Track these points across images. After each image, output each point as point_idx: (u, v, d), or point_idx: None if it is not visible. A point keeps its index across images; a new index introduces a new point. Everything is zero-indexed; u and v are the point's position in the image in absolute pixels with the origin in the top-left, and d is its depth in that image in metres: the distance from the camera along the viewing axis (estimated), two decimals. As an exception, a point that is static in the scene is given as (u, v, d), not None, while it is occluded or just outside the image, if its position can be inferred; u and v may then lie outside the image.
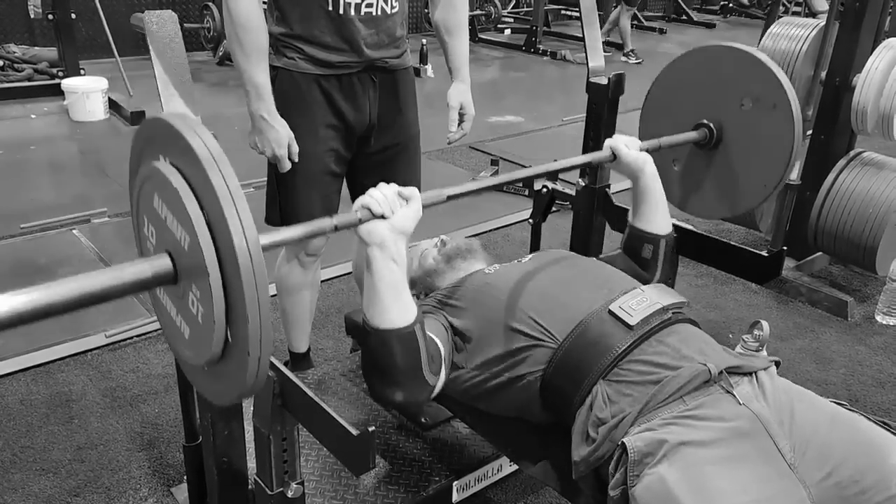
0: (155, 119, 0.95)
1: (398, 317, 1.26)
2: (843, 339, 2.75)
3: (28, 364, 2.39)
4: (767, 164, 1.77)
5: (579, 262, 1.58)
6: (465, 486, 1.76)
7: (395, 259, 1.24)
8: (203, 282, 0.89)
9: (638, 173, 1.65)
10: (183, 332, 0.99)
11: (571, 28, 9.02)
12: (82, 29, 5.86)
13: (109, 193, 3.79)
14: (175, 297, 0.99)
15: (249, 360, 0.89)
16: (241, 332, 0.88)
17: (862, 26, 2.79)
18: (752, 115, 1.77)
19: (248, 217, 0.86)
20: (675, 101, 1.90)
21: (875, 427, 1.23)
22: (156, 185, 0.94)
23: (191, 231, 0.88)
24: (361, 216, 1.22)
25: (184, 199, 0.88)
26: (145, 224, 1.00)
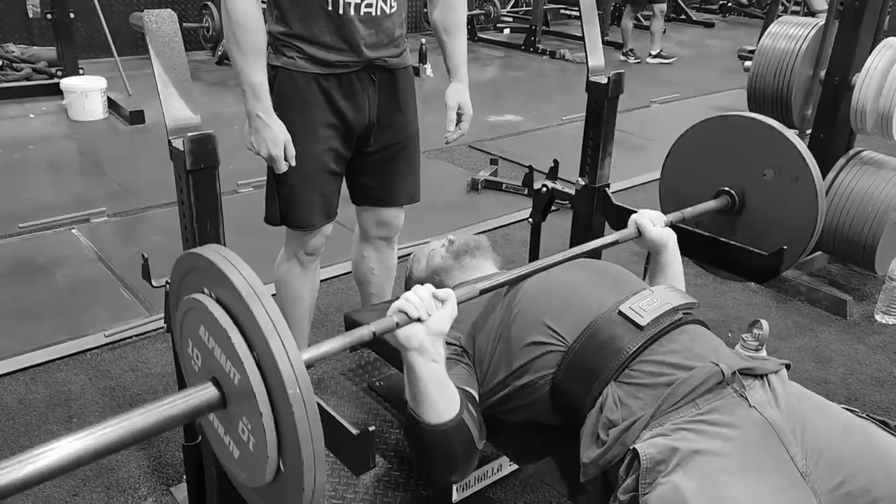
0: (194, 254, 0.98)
1: (446, 409, 1.28)
2: (843, 338, 2.75)
3: (27, 364, 2.39)
4: (791, 234, 1.79)
5: (588, 264, 1.57)
6: (465, 485, 1.75)
7: (435, 359, 1.25)
8: (254, 414, 0.90)
9: (661, 249, 1.66)
10: (232, 452, 1.00)
11: (571, 27, 9.02)
12: (81, 28, 5.85)
13: (108, 193, 3.79)
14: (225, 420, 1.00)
15: (304, 493, 0.89)
16: (295, 467, 0.89)
17: (861, 25, 2.79)
18: (774, 186, 1.78)
19: (296, 352, 0.88)
20: (696, 166, 1.92)
21: (887, 436, 1.22)
22: (201, 317, 0.96)
23: (240, 368, 0.90)
24: (399, 320, 1.22)
25: (232, 338, 0.91)
26: (189, 346, 1.02)
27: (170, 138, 1.30)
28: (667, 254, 1.66)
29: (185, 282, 1.03)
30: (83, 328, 2.58)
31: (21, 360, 2.41)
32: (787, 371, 1.32)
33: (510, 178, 4.15)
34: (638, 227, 1.65)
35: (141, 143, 4.64)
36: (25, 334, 2.54)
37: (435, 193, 3.92)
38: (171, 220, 1.68)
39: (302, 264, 2.04)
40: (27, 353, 2.43)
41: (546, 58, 7.70)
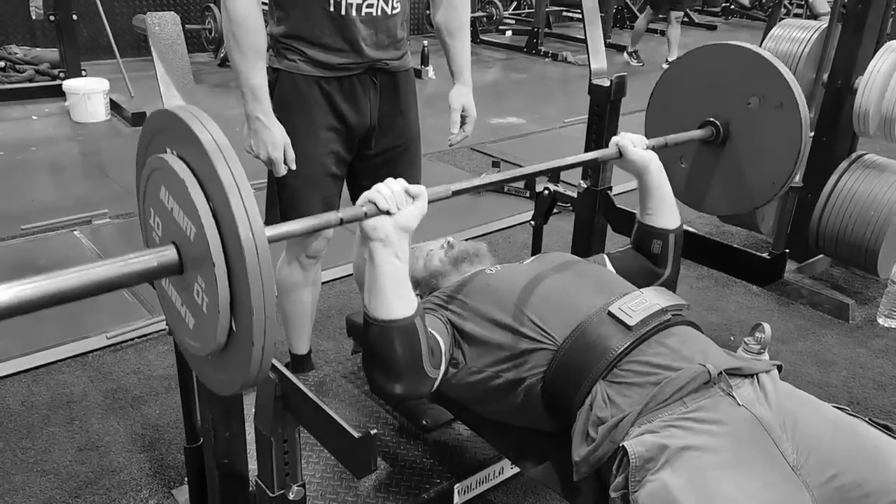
0: (163, 111, 0.96)
1: (399, 309, 1.27)
2: (845, 342, 2.74)
3: (29, 365, 2.39)
4: (775, 163, 1.77)
5: (580, 266, 1.58)
6: (467, 488, 1.75)
7: (397, 255, 1.26)
8: (208, 272, 0.89)
9: (643, 171, 1.65)
10: (188, 323, 1.00)
11: (573, 29, 9.02)
12: (84, 30, 5.87)
13: (110, 194, 3.79)
14: (181, 289, 0.99)
15: (253, 349, 0.89)
16: (246, 322, 0.89)
17: (864, 29, 2.79)
18: (758, 114, 1.77)
19: (255, 208, 0.87)
20: (682, 100, 1.90)
21: (878, 433, 1.22)
22: (162, 177, 0.95)
23: (196, 221, 0.89)
24: (367, 210, 1.23)
25: (190, 190, 0.89)
26: (152, 215, 1.02)
27: (172, 140, 1.30)
28: (650, 176, 1.65)
29: (151, 145, 1.01)
30: (85, 330, 2.58)
31: (23, 361, 2.41)
32: (778, 372, 1.32)
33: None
34: (619, 148, 1.64)
35: (143, 145, 4.65)
36: (27, 336, 2.54)
37: (437, 196, 3.91)
38: (173, 223, 1.68)
39: (303, 267, 2.04)
40: (29, 355, 2.43)
41: (548, 60, 7.71)
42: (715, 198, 1.92)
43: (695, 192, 1.95)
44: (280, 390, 1.22)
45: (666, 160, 1.69)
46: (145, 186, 1.01)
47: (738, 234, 3.54)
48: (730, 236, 3.52)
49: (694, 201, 1.97)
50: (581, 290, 1.45)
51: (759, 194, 1.84)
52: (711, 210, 1.98)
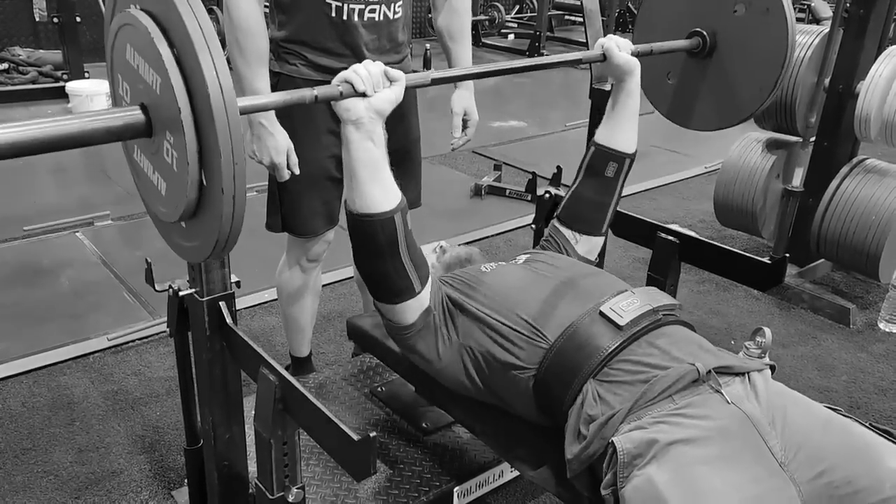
0: None
1: (378, 199, 1.29)
2: (846, 347, 2.74)
3: (30, 367, 2.40)
4: (762, 69, 1.76)
5: (572, 265, 1.59)
6: (467, 491, 1.75)
7: (371, 139, 1.26)
8: (176, 126, 0.88)
9: (625, 76, 1.66)
10: (160, 189, 0.99)
11: (575, 33, 9.03)
12: (87, 32, 5.88)
13: (112, 196, 3.80)
14: (150, 153, 0.99)
15: (224, 198, 0.88)
16: (216, 170, 0.88)
17: (866, 33, 2.79)
18: (745, 21, 1.76)
19: (221, 58, 0.86)
20: (669, 10, 1.89)
21: (868, 432, 1.22)
22: (128, 35, 0.94)
23: (161, 71, 0.88)
24: (343, 90, 1.22)
25: (154, 39, 0.88)
26: (120, 83, 1.00)
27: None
28: (630, 83, 1.66)
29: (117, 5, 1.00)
30: (86, 332, 2.59)
31: (25, 363, 2.41)
32: (771, 372, 1.32)
33: (514, 183, 4.15)
34: (604, 50, 1.64)
35: (145, 147, 4.66)
36: (29, 337, 2.55)
37: (438, 199, 3.92)
38: (174, 225, 1.69)
39: (304, 270, 2.04)
40: (31, 356, 2.44)
41: (550, 64, 7.70)
42: (703, 112, 1.91)
43: (683, 109, 1.95)
44: (280, 392, 1.22)
45: (653, 77, 1.68)
46: (112, 52, 0.99)
47: (739, 238, 3.54)
48: (731, 240, 3.52)
49: (682, 118, 1.96)
50: (573, 289, 1.46)
51: (747, 104, 1.83)
52: (700, 125, 1.97)
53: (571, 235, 1.71)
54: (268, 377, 1.23)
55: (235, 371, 1.40)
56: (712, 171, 4.36)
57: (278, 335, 2.63)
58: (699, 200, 4.12)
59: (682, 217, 3.88)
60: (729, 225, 3.37)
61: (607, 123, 1.71)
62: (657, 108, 1.97)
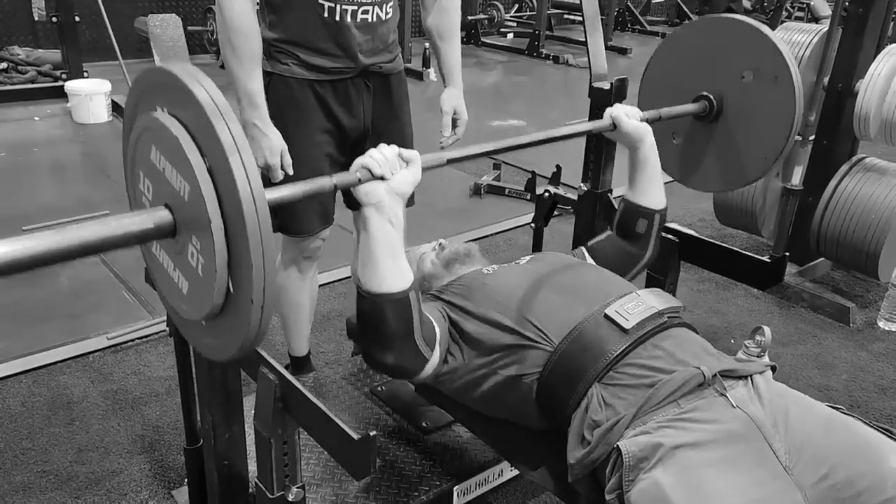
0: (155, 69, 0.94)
1: (393, 281, 1.27)
2: (845, 345, 2.74)
3: (29, 366, 2.40)
4: (768, 137, 1.77)
5: (577, 267, 1.58)
6: (466, 490, 1.75)
7: (391, 221, 1.26)
8: (204, 232, 0.87)
9: (637, 143, 1.66)
10: (181, 287, 0.97)
11: (574, 32, 9.02)
12: (86, 31, 5.87)
13: (112, 196, 3.79)
14: (173, 252, 0.97)
15: (253, 308, 0.87)
16: (245, 281, 0.87)
17: (865, 32, 2.79)
18: (752, 88, 1.76)
19: (253, 165, 0.85)
20: (676, 73, 1.90)
21: (870, 430, 1.22)
22: (154, 137, 0.92)
23: (191, 179, 0.86)
24: (361, 176, 1.23)
25: (184, 147, 0.87)
26: (141, 179, 0.99)
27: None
28: (644, 148, 1.66)
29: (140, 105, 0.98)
30: (86, 331, 2.59)
31: (24, 362, 2.41)
32: (772, 373, 1.32)
33: (513, 183, 4.15)
34: (613, 119, 1.64)
35: (145, 147, 4.65)
36: (29, 337, 2.54)
37: (438, 198, 3.92)
38: (174, 224, 1.69)
39: (300, 270, 2.04)
40: (30, 356, 2.44)
41: (549, 63, 7.71)
42: (708, 174, 1.92)
43: (687, 169, 1.95)
44: (280, 392, 1.22)
45: (658, 136, 1.69)
46: (134, 150, 0.98)
47: (739, 237, 3.54)
48: (730, 239, 3.52)
49: (686, 178, 1.97)
50: (578, 291, 1.45)
51: (752, 170, 1.83)
52: (704, 187, 1.98)
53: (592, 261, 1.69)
54: (267, 376, 1.23)
55: (235, 370, 1.40)
56: (712, 169, 4.36)
57: (277, 335, 2.63)
58: (699, 199, 4.11)
59: (681, 216, 3.87)
60: (728, 224, 3.37)
61: (631, 185, 1.70)
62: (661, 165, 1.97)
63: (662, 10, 10.81)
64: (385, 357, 1.32)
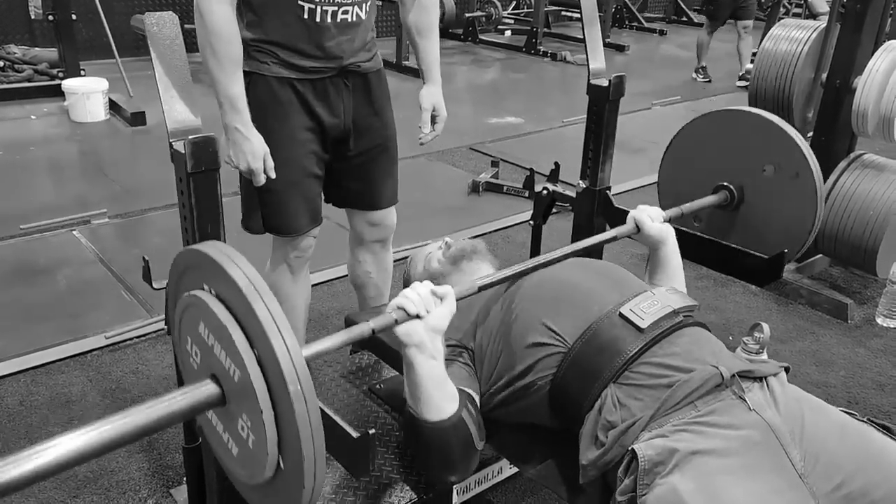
0: (193, 251, 0.98)
1: (445, 407, 1.30)
2: (844, 342, 2.74)
3: (28, 365, 2.39)
4: (789, 231, 1.79)
5: (590, 266, 1.58)
6: (466, 488, 1.75)
7: (434, 356, 1.28)
8: (254, 412, 0.90)
9: (660, 245, 1.67)
10: (231, 450, 1.00)
11: (572, 29, 9.02)
12: (83, 30, 5.86)
13: (109, 194, 3.79)
14: (223, 418, 1.00)
15: (304, 491, 0.89)
16: (295, 464, 0.89)
17: (863, 28, 2.79)
18: (773, 182, 1.78)
19: (298, 351, 0.88)
20: (695, 160, 1.92)
21: (885, 438, 1.22)
22: (201, 314, 0.96)
23: (241, 365, 0.90)
24: (398, 317, 1.25)
25: (233, 335, 0.90)
26: (189, 343, 1.02)
27: (171, 140, 1.30)
28: (666, 249, 1.66)
29: (183, 279, 1.03)
30: (84, 330, 2.58)
31: (22, 361, 2.40)
32: (786, 374, 1.32)
33: (511, 180, 4.15)
34: (636, 222, 1.66)
35: (142, 145, 4.65)
36: (26, 336, 2.54)
37: (436, 196, 3.92)
38: (172, 222, 1.68)
39: (292, 270, 2.01)
40: (28, 355, 2.43)
41: (547, 60, 7.71)
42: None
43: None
44: (279, 391, 1.22)
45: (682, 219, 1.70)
46: (181, 317, 1.02)
47: (737, 233, 3.54)
48: (729, 236, 3.52)
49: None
50: (592, 289, 1.44)
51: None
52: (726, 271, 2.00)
53: None
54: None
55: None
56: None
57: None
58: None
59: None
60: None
61: (653, 276, 1.69)
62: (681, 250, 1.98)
63: (660, 7, 10.81)
64: (451, 476, 1.40)
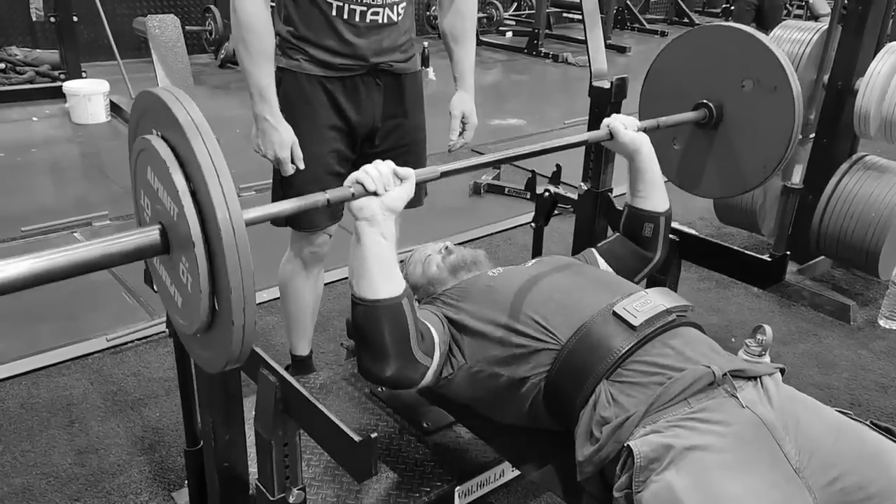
0: (147, 92, 0.99)
1: (385, 289, 1.29)
2: (846, 344, 2.74)
3: (29, 368, 2.39)
4: (767, 146, 1.78)
5: (583, 269, 1.58)
6: (468, 491, 1.75)
7: (383, 234, 1.28)
8: (190, 254, 0.92)
9: (634, 154, 1.67)
10: (176, 301, 1.03)
11: (573, 31, 9.02)
12: (84, 31, 5.86)
13: (110, 196, 3.79)
14: (169, 267, 1.02)
15: (234, 328, 0.92)
16: (226, 302, 0.91)
17: (865, 30, 2.78)
18: (752, 97, 1.77)
19: (231, 188, 0.89)
20: (676, 81, 1.90)
21: (880, 437, 1.22)
22: (148, 158, 0.97)
23: (178, 202, 0.91)
24: (355, 191, 1.25)
25: (171, 171, 0.92)
26: (142, 196, 1.04)
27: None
28: (641, 158, 1.67)
29: (139, 127, 1.04)
30: (85, 332, 2.58)
31: (23, 363, 2.40)
32: (781, 375, 1.32)
33: (513, 182, 4.15)
34: (610, 129, 1.65)
35: (143, 147, 4.65)
36: (27, 338, 2.54)
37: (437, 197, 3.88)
38: (173, 225, 1.68)
39: (306, 266, 2.04)
40: (29, 357, 2.43)
41: (549, 61, 7.70)
42: (707, 180, 1.93)
43: (687, 175, 1.96)
44: (280, 393, 1.22)
45: (659, 141, 1.70)
46: (135, 167, 1.04)
47: (739, 235, 3.54)
48: (731, 238, 3.52)
49: (686, 184, 1.98)
50: (585, 290, 1.45)
51: (751, 178, 1.84)
52: (704, 193, 1.99)
53: (604, 263, 1.69)
54: (268, 378, 1.23)
55: (235, 372, 1.39)
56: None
57: (278, 335, 2.63)
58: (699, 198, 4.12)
59: (682, 214, 3.87)
60: (729, 222, 3.36)
61: (632, 192, 1.71)
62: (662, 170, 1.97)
63: (661, 9, 10.81)
64: (383, 369, 1.32)
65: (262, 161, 1.81)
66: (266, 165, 1.86)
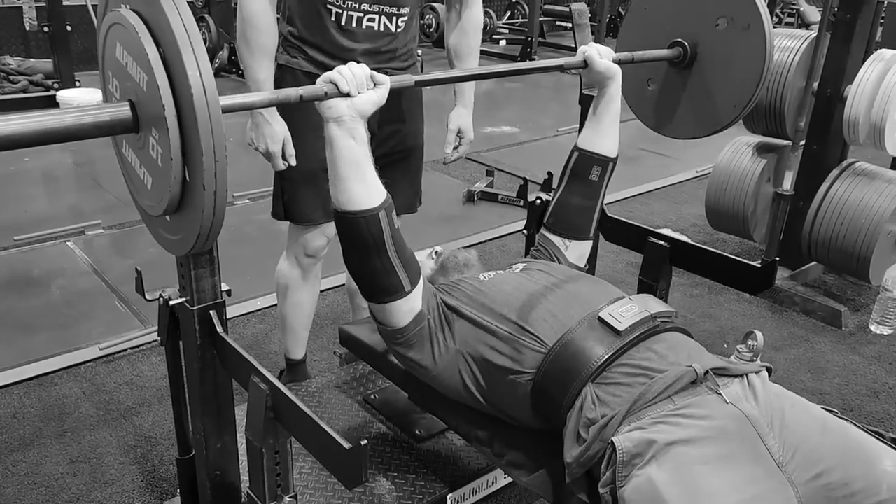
0: None
1: (361, 196, 1.31)
2: (838, 349, 2.75)
3: (21, 377, 2.39)
4: (738, 85, 1.79)
5: (570, 273, 1.59)
6: (460, 498, 1.75)
7: (353, 136, 1.29)
8: (161, 122, 0.91)
9: (606, 83, 1.68)
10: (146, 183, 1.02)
11: (566, 39, 9.06)
12: (78, 41, 5.86)
13: (104, 205, 3.79)
14: (137, 148, 1.02)
15: (206, 194, 0.91)
16: (197, 166, 0.91)
17: (853, 37, 2.81)
18: (726, 35, 1.78)
19: (205, 58, 0.89)
20: (653, 20, 1.91)
21: (864, 434, 1.23)
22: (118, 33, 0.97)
23: (148, 70, 0.91)
24: (328, 90, 1.26)
25: (141, 38, 0.91)
26: (110, 80, 1.04)
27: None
28: (611, 90, 1.69)
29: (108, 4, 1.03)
30: (78, 341, 2.58)
31: (15, 372, 2.40)
32: (769, 375, 1.33)
33: (506, 189, 4.16)
34: (585, 57, 1.67)
35: (137, 156, 4.65)
36: (20, 347, 2.53)
37: (431, 204, 3.90)
38: (165, 234, 1.69)
39: (303, 268, 2.05)
40: (21, 366, 2.43)
41: (542, 69, 7.72)
42: (681, 120, 1.94)
43: (662, 116, 1.97)
44: (271, 401, 1.22)
45: (634, 83, 1.71)
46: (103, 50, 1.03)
47: (731, 241, 3.55)
48: (723, 244, 3.53)
49: (661, 125, 1.99)
50: (571, 295, 1.47)
51: (722, 116, 1.85)
52: (678, 133, 2.00)
53: (561, 242, 1.72)
54: (259, 385, 1.23)
55: (226, 380, 1.40)
56: (704, 175, 4.38)
57: (270, 343, 2.63)
58: (691, 204, 4.14)
59: (673, 221, 3.89)
60: (720, 229, 3.38)
61: (590, 128, 1.73)
62: (636, 112, 1.99)
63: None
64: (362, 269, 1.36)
65: (257, 170, 1.82)
66: (259, 175, 1.87)
